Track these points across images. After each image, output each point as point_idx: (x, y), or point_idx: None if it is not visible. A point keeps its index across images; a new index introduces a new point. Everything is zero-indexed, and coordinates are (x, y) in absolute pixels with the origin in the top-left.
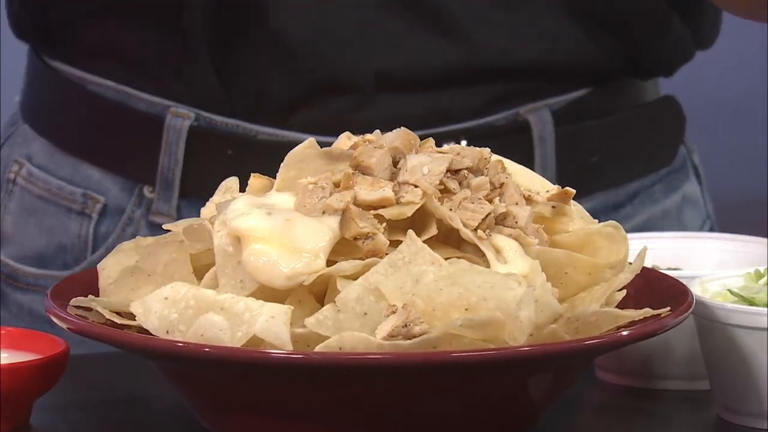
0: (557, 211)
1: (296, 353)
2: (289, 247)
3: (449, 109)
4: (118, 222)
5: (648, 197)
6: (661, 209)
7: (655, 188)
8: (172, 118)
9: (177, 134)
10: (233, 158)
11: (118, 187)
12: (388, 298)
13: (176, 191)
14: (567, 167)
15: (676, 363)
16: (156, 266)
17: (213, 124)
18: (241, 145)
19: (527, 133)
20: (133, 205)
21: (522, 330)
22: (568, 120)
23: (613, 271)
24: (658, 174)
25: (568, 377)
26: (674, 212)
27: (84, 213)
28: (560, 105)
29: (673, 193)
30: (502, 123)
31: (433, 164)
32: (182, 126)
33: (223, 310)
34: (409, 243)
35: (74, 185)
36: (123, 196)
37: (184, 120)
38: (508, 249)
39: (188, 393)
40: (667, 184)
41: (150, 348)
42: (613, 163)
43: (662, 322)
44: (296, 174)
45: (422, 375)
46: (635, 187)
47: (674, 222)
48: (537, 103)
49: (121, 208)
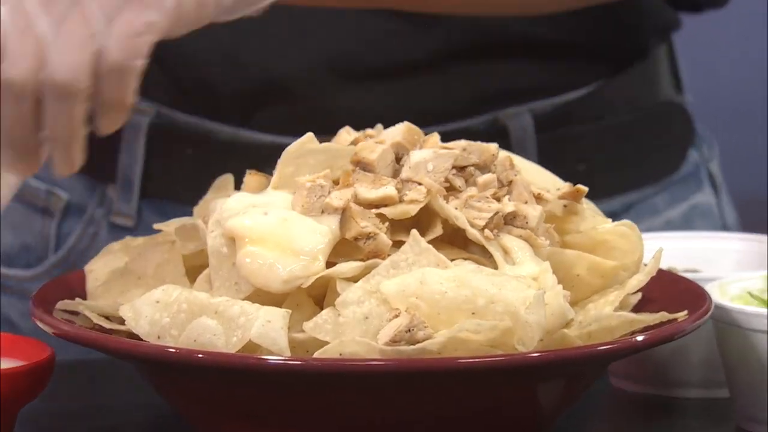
0: (569, 210)
1: (294, 359)
2: (286, 248)
3: (425, 110)
4: (80, 220)
5: (647, 208)
6: (663, 220)
7: (656, 199)
8: (132, 113)
9: (136, 131)
10: (193, 158)
11: (81, 185)
12: (390, 302)
13: (136, 191)
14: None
15: (694, 370)
16: (146, 268)
17: (173, 122)
18: (201, 145)
19: (506, 139)
20: (95, 204)
21: (531, 335)
22: (552, 125)
23: (627, 273)
24: (661, 184)
25: (580, 385)
26: (679, 223)
27: (47, 210)
28: (545, 109)
29: (678, 203)
30: (480, 127)
31: (438, 160)
32: (142, 122)
33: (217, 314)
34: (413, 243)
35: (39, 181)
36: (86, 194)
37: (143, 116)
38: (517, 250)
39: (180, 401)
40: (671, 195)
41: (140, 354)
42: (604, 172)
43: (679, 326)
44: (294, 171)
45: (426, 382)
46: (632, 198)
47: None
48: (520, 107)
49: (83, 207)
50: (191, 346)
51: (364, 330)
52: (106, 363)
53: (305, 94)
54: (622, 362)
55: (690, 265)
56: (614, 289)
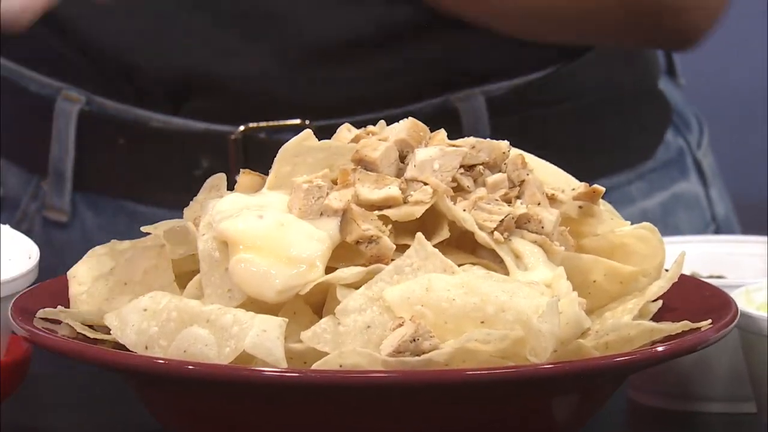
0: (584, 212)
1: (291, 371)
2: (281, 256)
3: (369, 94)
4: (14, 216)
5: (621, 196)
6: (638, 209)
7: (631, 187)
8: (62, 101)
9: (66, 120)
10: (126, 148)
11: (14, 178)
12: (394, 310)
13: (68, 184)
14: None
15: (718, 383)
16: (133, 273)
17: (104, 109)
18: (133, 133)
19: (455, 124)
20: (29, 198)
21: (545, 345)
22: (507, 109)
23: (647, 279)
24: (635, 171)
25: (597, 398)
26: (658, 213)
27: None
28: (500, 92)
29: (657, 192)
30: (429, 111)
31: (445, 159)
32: (72, 111)
33: (208, 323)
34: (418, 247)
35: None
36: (20, 188)
37: (74, 104)
38: (530, 254)
39: (169, 416)
40: (649, 183)
41: (126, 365)
42: (567, 158)
43: (702, 336)
44: (291, 170)
45: (432, 396)
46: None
47: (658, 224)
48: (472, 90)
49: (16, 201)
50: (181, 357)
51: (366, 340)
52: (89, 375)
53: (237, 80)
54: (642, 374)
55: (714, 271)
56: (633, 297)
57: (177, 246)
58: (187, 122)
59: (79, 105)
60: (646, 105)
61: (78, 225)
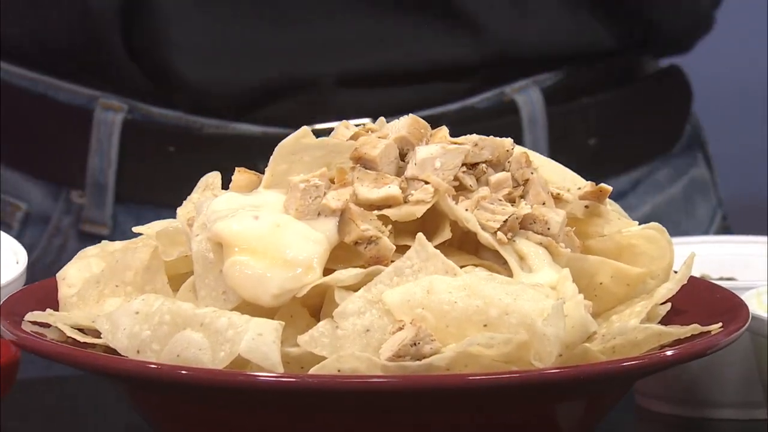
0: (591, 212)
1: (288, 376)
2: (277, 258)
3: (424, 94)
4: (43, 232)
5: (651, 185)
6: (666, 198)
7: (658, 174)
8: (102, 110)
9: (109, 130)
10: (176, 156)
11: (41, 191)
12: (394, 313)
13: (110, 196)
14: (561, 153)
15: (729, 388)
16: (125, 275)
17: (150, 117)
18: (185, 141)
19: (515, 115)
20: (61, 212)
21: (549, 350)
22: (561, 98)
23: (655, 282)
24: (663, 157)
25: (604, 404)
26: (681, 201)
27: (2, 222)
28: (551, 82)
29: (679, 178)
30: (486, 105)
31: (447, 157)
32: (114, 120)
33: (202, 327)
34: (419, 249)
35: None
36: (48, 202)
37: (116, 113)
38: (534, 255)
39: (162, 422)
40: (674, 169)
41: (118, 370)
42: (614, 145)
43: (713, 340)
44: (288, 168)
45: (433, 402)
46: (638, 174)
47: (681, 212)
48: (524, 81)
49: (46, 215)
50: (174, 362)
51: (365, 344)
52: (79, 380)
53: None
54: (650, 380)
55: (725, 273)
56: (641, 299)
57: (170, 247)
58: (241, 127)
59: (121, 114)
60: (674, 88)
61: (119, 238)
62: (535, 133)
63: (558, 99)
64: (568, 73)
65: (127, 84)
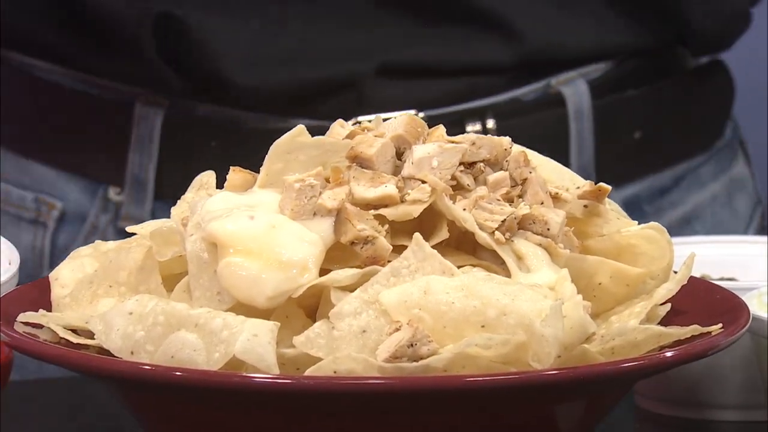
0: (590, 211)
1: (283, 378)
2: (273, 259)
3: (470, 84)
4: (80, 230)
5: (694, 180)
6: (709, 194)
7: (701, 170)
8: (142, 106)
9: (150, 126)
10: (218, 151)
11: (77, 189)
12: (390, 313)
13: (150, 193)
14: (607, 146)
15: (730, 389)
16: (119, 275)
17: (191, 112)
18: (228, 136)
19: (561, 108)
20: (98, 210)
21: (548, 351)
22: (607, 91)
23: (655, 282)
24: (706, 153)
25: (603, 406)
26: (723, 197)
27: (38, 221)
28: (597, 74)
29: (721, 174)
30: (532, 97)
31: (444, 156)
32: (156, 116)
33: (197, 328)
34: (416, 248)
35: (23, 188)
36: (84, 199)
37: (157, 109)
38: (532, 256)
39: (157, 424)
40: (716, 165)
41: (111, 371)
42: (659, 140)
43: (713, 341)
44: (283, 167)
45: (431, 403)
46: (681, 170)
47: (725, 208)
48: (570, 73)
49: (82, 214)
50: (168, 363)
51: (362, 345)
52: (73, 382)
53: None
54: (650, 381)
55: (725, 273)
56: (640, 300)
57: (164, 247)
58: (293, 121)
59: (162, 109)
60: (718, 82)
61: None
62: (581, 126)
63: (604, 91)
64: (614, 66)
65: (166, 85)
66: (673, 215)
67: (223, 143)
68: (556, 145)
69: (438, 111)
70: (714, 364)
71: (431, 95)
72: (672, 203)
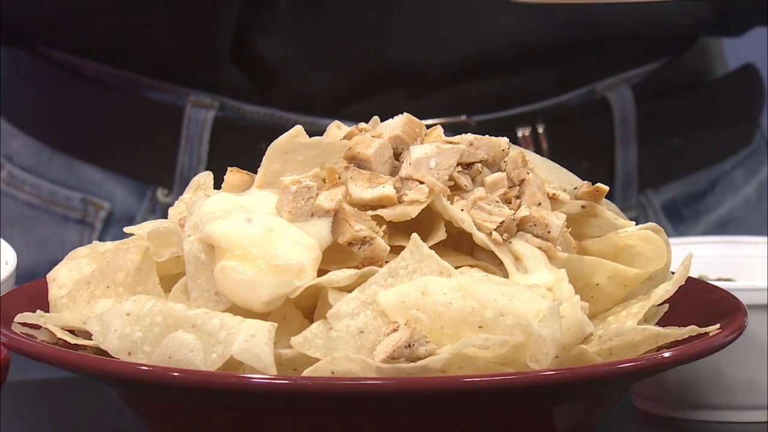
0: (587, 212)
1: (281, 378)
2: (269, 264)
3: (517, 89)
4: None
5: (728, 185)
6: (742, 198)
7: (734, 174)
8: (192, 107)
9: (200, 127)
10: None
11: (125, 190)
12: (388, 314)
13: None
14: (649, 151)
15: (728, 390)
16: (116, 276)
17: (242, 114)
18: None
19: (607, 113)
20: (146, 211)
21: (546, 351)
22: (650, 96)
23: (653, 283)
24: (738, 156)
25: (601, 407)
26: (755, 201)
27: (85, 222)
28: (639, 79)
29: (753, 178)
30: (578, 102)
31: (442, 156)
32: (206, 117)
33: (194, 328)
34: (414, 249)
35: (70, 189)
36: (132, 200)
37: (207, 110)
38: (530, 256)
39: (154, 424)
40: (747, 168)
41: (109, 372)
42: (696, 144)
43: (711, 341)
44: (281, 168)
45: (428, 404)
46: (715, 173)
47: (756, 212)
48: (613, 78)
49: (130, 215)
50: (166, 364)
51: (359, 345)
52: (70, 382)
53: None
54: (647, 382)
55: (723, 273)
56: (638, 300)
57: (162, 248)
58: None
59: (212, 111)
60: (750, 86)
61: None
62: (626, 131)
63: (646, 97)
64: (655, 72)
65: (223, 84)
66: (709, 219)
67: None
68: (603, 150)
69: (486, 116)
70: (712, 364)
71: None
72: (708, 207)
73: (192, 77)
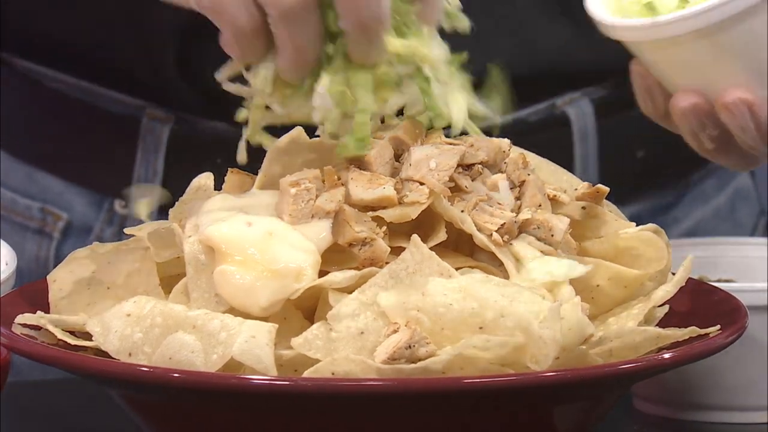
0: (588, 213)
1: (281, 379)
2: (268, 269)
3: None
4: (84, 242)
5: (698, 195)
6: (712, 208)
7: (705, 185)
8: (149, 121)
9: (156, 140)
10: (223, 167)
11: (83, 200)
12: (388, 315)
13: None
14: (611, 166)
15: (728, 391)
16: (116, 277)
17: (197, 128)
18: (234, 152)
19: (566, 128)
20: (103, 222)
21: (546, 352)
22: (611, 110)
23: (653, 284)
24: (708, 167)
25: (601, 408)
26: (726, 210)
27: (43, 231)
28: (600, 94)
29: (725, 187)
30: (537, 117)
31: (442, 157)
32: (162, 130)
33: (195, 329)
34: (414, 250)
35: (29, 198)
36: (90, 211)
37: (163, 124)
38: (531, 258)
39: (154, 426)
40: (719, 178)
41: (109, 373)
42: (661, 157)
43: (711, 342)
44: (281, 170)
45: (429, 405)
46: (683, 185)
47: (727, 222)
48: (574, 93)
49: (87, 225)
50: (166, 365)
51: (360, 347)
52: (70, 383)
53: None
54: (648, 383)
55: (723, 275)
56: (638, 302)
57: (162, 248)
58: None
59: (168, 124)
60: None
61: None
62: (586, 147)
63: (608, 111)
64: (617, 85)
65: (175, 99)
66: (675, 231)
67: (228, 159)
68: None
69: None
70: (712, 365)
71: None
72: (675, 219)
73: (147, 91)
